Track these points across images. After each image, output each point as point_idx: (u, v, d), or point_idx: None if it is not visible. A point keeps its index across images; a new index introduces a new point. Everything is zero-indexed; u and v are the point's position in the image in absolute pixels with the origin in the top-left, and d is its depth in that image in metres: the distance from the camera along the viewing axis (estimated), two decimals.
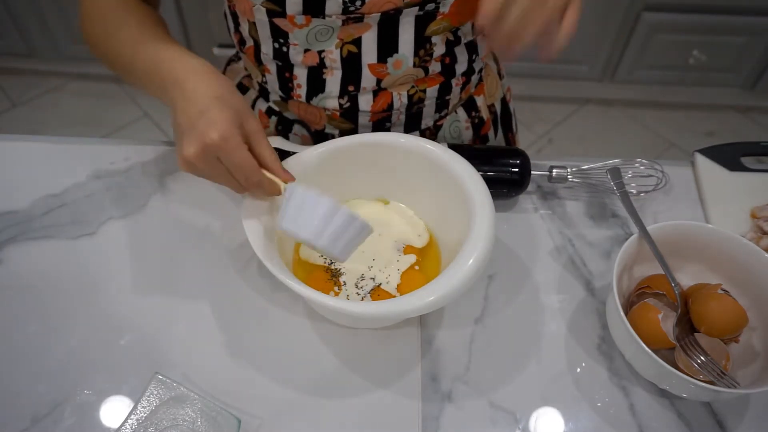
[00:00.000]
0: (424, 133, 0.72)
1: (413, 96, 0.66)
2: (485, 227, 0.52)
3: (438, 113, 0.71)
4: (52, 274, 0.61)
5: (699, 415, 0.53)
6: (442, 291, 0.48)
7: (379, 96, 0.65)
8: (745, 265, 0.55)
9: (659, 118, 2.02)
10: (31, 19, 1.89)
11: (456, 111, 0.72)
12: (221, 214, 0.66)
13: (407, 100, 0.66)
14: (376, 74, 0.63)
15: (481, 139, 0.77)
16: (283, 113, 0.71)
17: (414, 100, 0.67)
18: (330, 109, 0.66)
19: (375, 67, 0.62)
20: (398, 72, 0.63)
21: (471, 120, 0.74)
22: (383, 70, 0.62)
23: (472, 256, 0.49)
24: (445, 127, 0.73)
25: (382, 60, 0.62)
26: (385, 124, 0.69)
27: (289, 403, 0.53)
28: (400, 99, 0.66)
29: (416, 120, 0.70)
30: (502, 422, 0.52)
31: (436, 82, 0.67)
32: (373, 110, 0.66)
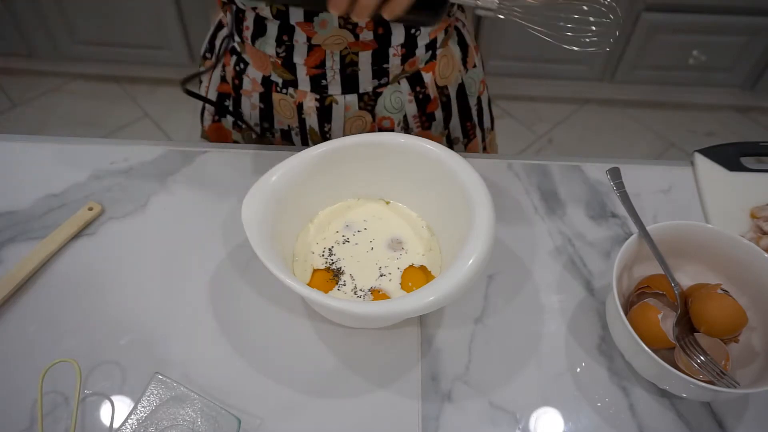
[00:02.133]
0: (363, 98, 0.72)
1: (345, 57, 0.67)
2: (485, 227, 0.52)
3: (377, 80, 0.71)
4: (53, 274, 0.61)
5: (699, 415, 0.53)
6: (443, 291, 0.48)
7: (313, 51, 0.67)
8: (744, 265, 0.55)
9: (659, 118, 2.03)
10: (31, 19, 1.89)
11: (399, 82, 0.72)
12: (221, 214, 0.66)
13: (340, 60, 0.67)
14: (305, 31, 0.65)
15: (427, 116, 0.77)
16: (242, 54, 0.74)
17: (347, 61, 0.68)
18: (272, 56, 0.69)
19: (303, 25, 0.64)
20: (325, 32, 0.64)
21: (415, 94, 0.74)
22: (311, 28, 0.64)
23: (472, 256, 0.49)
24: (385, 95, 0.73)
25: (309, 19, 0.63)
26: (322, 81, 0.70)
27: (289, 403, 0.53)
28: (333, 58, 0.67)
29: (353, 82, 0.71)
30: (502, 422, 0.52)
31: (369, 48, 0.67)
32: (308, 64, 0.68)
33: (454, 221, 0.57)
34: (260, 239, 0.52)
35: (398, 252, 0.60)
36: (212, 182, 0.69)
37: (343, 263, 0.59)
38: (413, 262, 0.59)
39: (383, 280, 0.58)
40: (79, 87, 2.08)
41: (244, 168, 0.71)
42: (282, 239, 0.57)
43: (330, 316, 0.57)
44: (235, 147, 0.74)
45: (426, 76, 0.73)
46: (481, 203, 0.54)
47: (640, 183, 0.70)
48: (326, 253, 0.60)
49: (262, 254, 0.50)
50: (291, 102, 0.73)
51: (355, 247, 0.61)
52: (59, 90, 2.07)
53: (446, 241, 0.60)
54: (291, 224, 0.60)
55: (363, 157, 0.61)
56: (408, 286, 0.58)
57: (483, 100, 0.84)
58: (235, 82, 0.77)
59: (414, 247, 0.61)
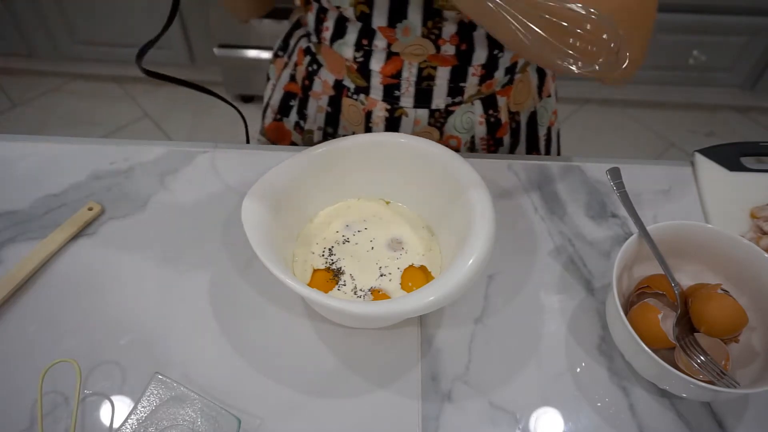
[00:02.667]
0: (434, 114, 0.72)
1: (423, 70, 0.67)
2: (485, 227, 0.52)
3: (451, 97, 0.71)
4: (53, 274, 0.61)
5: (699, 415, 0.53)
6: (443, 291, 0.48)
7: (391, 60, 0.66)
8: (744, 265, 0.55)
9: (659, 118, 2.03)
10: (31, 19, 1.89)
11: (472, 102, 0.72)
12: (221, 214, 0.66)
13: (417, 72, 0.67)
14: (386, 37, 0.64)
15: (495, 141, 0.77)
16: (316, 55, 0.74)
17: (423, 74, 0.67)
18: (348, 60, 0.68)
19: (385, 30, 0.64)
20: (407, 39, 0.64)
21: (486, 117, 0.73)
22: (392, 34, 0.64)
23: (472, 256, 0.49)
24: (457, 114, 0.72)
25: (392, 24, 0.63)
26: (395, 92, 0.70)
27: (289, 403, 0.53)
28: (410, 69, 0.67)
29: (426, 97, 0.70)
30: (502, 422, 0.52)
31: (448, 63, 0.67)
32: (383, 72, 0.68)
33: (454, 221, 0.57)
34: (260, 239, 0.52)
35: (398, 252, 0.60)
36: (212, 182, 0.69)
37: (343, 263, 0.59)
38: (413, 262, 0.59)
39: (383, 280, 0.58)
40: (79, 87, 2.09)
41: (245, 168, 0.71)
42: (282, 239, 0.57)
43: (330, 316, 0.57)
44: (235, 147, 0.74)
45: (500, 100, 0.73)
46: (481, 203, 0.54)
47: (640, 183, 0.70)
48: (326, 253, 0.60)
49: (262, 254, 0.50)
50: (360, 109, 0.72)
51: (355, 247, 0.61)
52: (59, 90, 2.07)
53: (446, 241, 0.60)
54: (291, 224, 0.60)
55: (363, 157, 0.61)
56: (408, 286, 0.58)
57: (553, 132, 0.84)
58: (305, 83, 0.77)
59: (414, 247, 0.61)
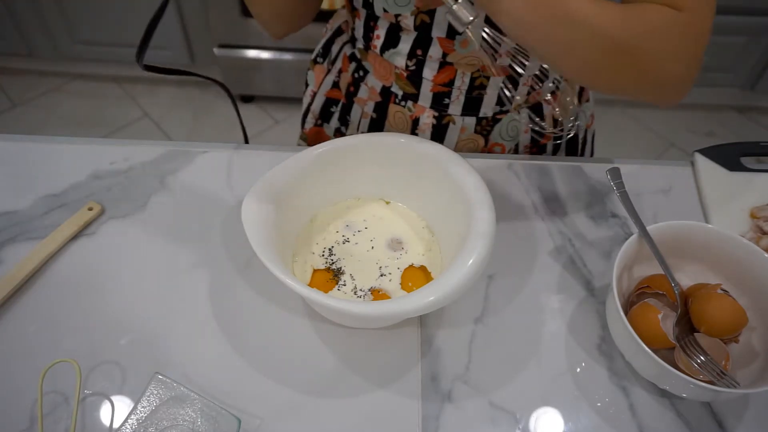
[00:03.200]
0: (481, 122, 0.72)
1: (476, 80, 0.67)
2: (485, 227, 0.52)
3: (499, 106, 0.71)
4: (53, 274, 0.61)
5: (699, 415, 0.53)
6: (443, 291, 0.48)
7: (444, 69, 0.67)
8: (745, 265, 0.55)
9: (659, 118, 2.03)
10: (31, 19, 1.89)
11: (519, 111, 0.72)
12: (221, 214, 0.66)
13: (469, 81, 0.67)
14: (443, 47, 0.64)
15: (539, 148, 0.77)
16: (362, 62, 0.74)
17: (476, 84, 0.68)
18: (399, 68, 0.68)
19: (443, 41, 0.64)
20: (464, 51, 0.64)
21: (532, 125, 0.74)
22: (450, 45, 0.64)
23: (472, 256, 0.49)
24: (503, 122, 0.72)
25: (451, 36, 0.63)
26: (444, 100, 0.70)
27: (289, 403, 0.53)
28: (463, 78, 0.67)
29: (475, 105, 0.70)
30: (502, 422, 0.52)
31: (502, 74, 0.67)
32: (435, 81, 0.68)
33: (454, 221, 0.57)
34: (260, 239, 0.52)
35: (398, 252, 0.60)
36: (212, 182, 0.69)
37: (343, 263, 0.59)
38: (413, 262, 0.59)
39: (383, 280, 0.58)
40: (79, 87, 2.09)
41: (245, 168, 0.71)
42: (282, 239, 0.57)
43: (330, 316, 0.57)
44: (235, 147, 0.74)
45: (545, 109, 0.73)
46: (481, 203, 0.54)
47: (640, 183, 0.70)
48: (326, 253, 0.60)
49: (261, 254, 0.50)
50: (407, 115, 0.72)
51: (355, 246, 0.61)
52: (59, 90, 2.07)
53: (446, 241, 0.60)
54: (291, 224, 0.60)
55: (363, 157, 0.61)
56: (408, 286, 0.58)
57: (589, 133, 0.85)
58: (350, 89, 0.77)
59: (414, 247, 0.61)
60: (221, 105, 2.00)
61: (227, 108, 0.71)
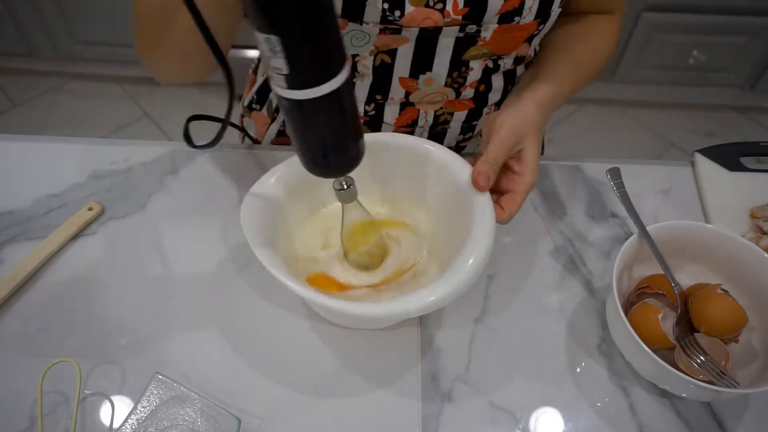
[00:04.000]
0: None
1: (440, 117, 0.67)
2: (485, 227, 0.52)
3: (463, 135, 0.71)
4: (53, 274, 0.61)
5: (699, 415, 0.53)
6: (443, 291, 0.48)
7: (406, 110, 0.65)
8: (745, 265, 0.55)
9: (659, 118, 2.03)
10: (31, 19, 1.89)
11: (481, 134, 0.71)
12: (221, 214, 0.66)
13: (432, 120, 0.67)
14: (405, 87, 0.62)
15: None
16: None
17: (440, 120, 0.67)
18: None
19: (406, 80, 0.62)
20: (429, 89, 0.63)
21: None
22: (414, 84, 0.62)
23: (472, 256, 0.49)
24: (468, 149, 0.73)
25: (414, 75, 0.61)
26: None
27: (289, 403, 0.53)
28: (426, 117, 0.66)
29: (439, 139, 0.70)
30: (502, 422, 0.52)
31: (465, 108, 0.67)
32: (397, 124, 0.66)
33: (454, 221, 0.56)
34: (259, 241, 0.51)
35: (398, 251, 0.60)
36: (212, 182, 0.69)
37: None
38: (413, 262, 0.59)
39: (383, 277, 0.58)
40: (79, 87, 2.08)
41: (245, 168, 0.71)
42: (282, 240, 0.57)
43: (330, 316, 0.57)
44: (235, 147, 0.74)
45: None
46: (480, 203, 0.54)
47: (640, 183, 0.70)
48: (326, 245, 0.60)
49: (260, 255, 0.50)
50: None
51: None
52: (59, 90, 2.07)
53: (446, 241, 0.60)
54: (291, 225, 0.60)
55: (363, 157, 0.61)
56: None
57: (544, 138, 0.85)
58: None
59: (414, 246, 0.61)
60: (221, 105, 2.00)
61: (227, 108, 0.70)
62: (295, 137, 0.44)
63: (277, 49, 0.36)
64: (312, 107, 0.40)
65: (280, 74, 0.37)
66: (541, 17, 0.57)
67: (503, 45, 0.59)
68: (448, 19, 0.55)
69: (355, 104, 0.43)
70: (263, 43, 0.36)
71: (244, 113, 0.84)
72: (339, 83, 0.39)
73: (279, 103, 0.41)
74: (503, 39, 0.58)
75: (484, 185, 0.52)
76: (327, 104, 0.40)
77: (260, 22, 0.35)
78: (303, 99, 0.39)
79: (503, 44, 0.59)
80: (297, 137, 0.43)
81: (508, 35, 0.58)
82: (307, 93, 0.38)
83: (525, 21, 0.56)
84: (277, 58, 0.36)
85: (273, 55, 0.36)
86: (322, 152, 0.44)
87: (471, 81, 0.63)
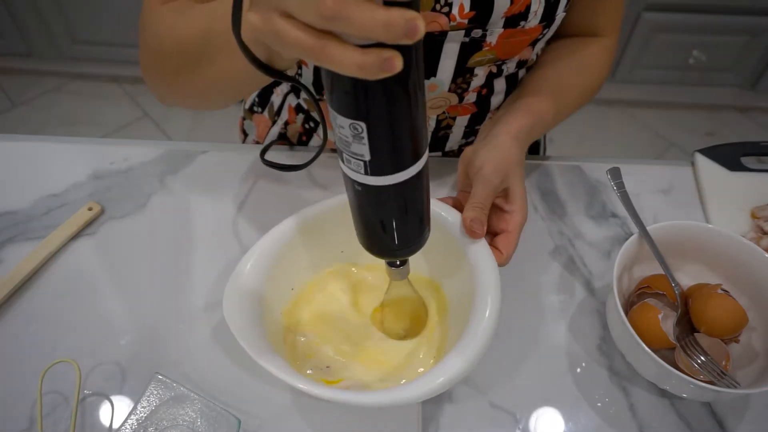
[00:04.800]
0: (448, 155, 0.72)
1: (442, 122, 0.66)
2: (491, 278, 0.48)
3: (465, 139, 0.71)
4: (53, 274, 0.61)
5: (699, 415, 0.53)
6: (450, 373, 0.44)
7: None
8: (745, 265, 0.55)
9: (659, 118, 2.02)
10: (31, 19, 1.89)
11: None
12: (221, 214, 0.66)
13: (435, 124, 0.66)
14: None
15: None
16: (311, 112, 0.71)
17: (442, 125, 0.67)
18: None
19: None
20: (432, 94, 0.62)
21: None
22: None
23: (487, 310, 0.47)
24: None
25: None
26: None
27: (289, 403, 0.53)
28: (428, 122, 0.66)
29: (441, 143, 0.70)
30: (502, 422, 0.52)
31: (468, 112, 0.66)
32: None
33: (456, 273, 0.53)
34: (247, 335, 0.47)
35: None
36: (212, 182, 0.69)
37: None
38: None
39: None
40: (79, 87, 2.08)
41: (245, 168, 0.71)
42: (272, 317, 0.53)
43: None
44: (235, 147, 0.74)
45: None
46: (479, 251, 0.50)
47: (640, 183, 0.70)
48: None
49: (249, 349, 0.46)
50: None
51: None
52: (59, 90, 2.07)
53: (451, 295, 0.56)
54: (279, 301, 0.56)
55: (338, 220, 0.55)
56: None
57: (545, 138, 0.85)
58: (302, 138, 0.75)
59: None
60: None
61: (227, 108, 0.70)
62: (361, 219, 0.42)
63: (362, 136, 0.34)
64: (387, 193, 0.38)
65: (360, 160, 0.36)
66: (545, 21, 0.57)
67: (508, 50, 0.59)
68: (454, 23, 0.54)
69: (428, 188, 0.41)
70: (347, 128, 0.34)
71: (245, 116, 0.84)
72: (418, 170, 0.38)
73: (347, 184, 0.39)
74: (508, 44, 0.58)
75: (480, 232, 0.50)
76: (403, 190, 0.38)
77: (349, 107, 0.33)
78: (379, 185, 0.37)
79: (508, 49, 0.59)
80: (364, 220, 0.42)
81: (513, 40, 0.58)
82: (386, 180, 0.37)
83: (530, 25, 0.56)
84: (360, 144, 0.34)
85: (355, 140, 0.34)
86: (390, 235, 0.42)
87: (474, 87, 0.63)
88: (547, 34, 0.60)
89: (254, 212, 0.66)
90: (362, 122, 0.33)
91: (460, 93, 0.63)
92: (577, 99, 0.65)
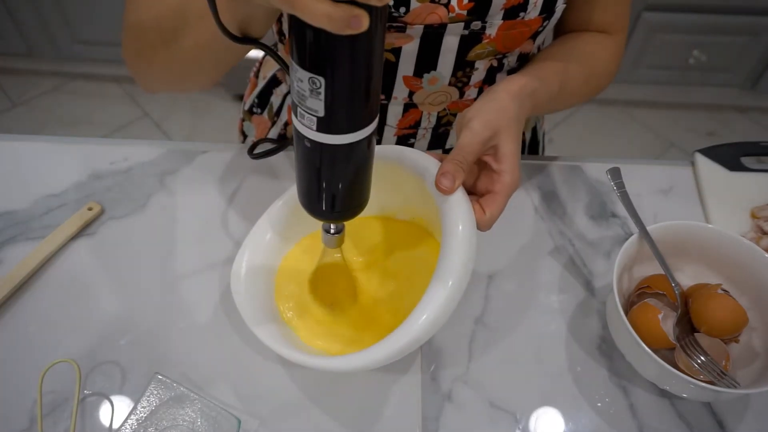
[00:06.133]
0: (447, 151, 0.72)
1: (443, 118, 0.66)
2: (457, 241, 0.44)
3: None
4: (53, 274, 0.61)
5: (699, 415, 0.53)
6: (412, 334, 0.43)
7: (409, 112, 0.65)
8: (745, 265, 0.55)
9: (659, 118, 2.02)
10: (30, 19, 1.89)
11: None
12: (221, 214, 0.66)
13: (435, 121, 0.66)
14: (409, 86, 0.62)
15: None
16: None
17: (443, 122, 0.67)
18: None
19: (410, 79, 0.61)
20: (432, 88, 0.62)
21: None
22: (417, 83, 0.61)
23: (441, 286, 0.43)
24: None
25: (419, 74, 0.60)
26: (410, 140, 0.68)
27: (289, 403, 0.53)
28: (429, 118, 0.65)
29: (442, 140, 0.70)
30: (502, 422, 0.52)
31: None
32: (400, 126, 0.66)
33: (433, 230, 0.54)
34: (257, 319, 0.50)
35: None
36: (212, 182, 0.69)
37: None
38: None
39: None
40: (79, 87, 2.08)
41: (245, 168, 0.71)
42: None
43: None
44: (234, 147, 0.74)
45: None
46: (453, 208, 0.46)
47: (640, 183, 0.70)
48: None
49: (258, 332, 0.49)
50: None
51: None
52: (59, 90, 2.07)
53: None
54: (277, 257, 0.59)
55: None
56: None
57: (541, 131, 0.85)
58: None
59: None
60: (221, 105, 2.00)
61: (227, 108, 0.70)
62: (304, 177, 0.42)
63: (320, 91, 0.34)
64: (334, 153, 0.38)
65: (313, 115, 0.36)
66: (545, 13, 0.57)
67: (508, 42, 0.59)
68: (453, 14, 0.54)
69: (373, 155, 0.42)
70: (305, 81, 0.34)
71: (244, 117, 0.84)
72: (367, 134, 0.38)
73: (298, 140, 0.40)
74: (508, 36, 0.58)
75: (448, 187, 0.45)
76: (350, 152, 0.39)
77: (309, 60, 0.33)
78: (328, 143, 0.38)
79: (508, 41, 0.59)
80: (306, 177, 0.42)
81: (513, 32, 0.57)
82: (335, 139, 0.37)
83: (530, 17, 0.56)
84: (316, 100, 0.35)
85: (312, 95, 0.35)
86: (330, 196, 0.42)
87: (475, 81, 0.63)
88: (548, 27, 0.60)
89: (254, 212, 0.66)
90: (321, 77, 0.34)
91: (460, 87, 0.63)
92: (584, 86, 0.62)
